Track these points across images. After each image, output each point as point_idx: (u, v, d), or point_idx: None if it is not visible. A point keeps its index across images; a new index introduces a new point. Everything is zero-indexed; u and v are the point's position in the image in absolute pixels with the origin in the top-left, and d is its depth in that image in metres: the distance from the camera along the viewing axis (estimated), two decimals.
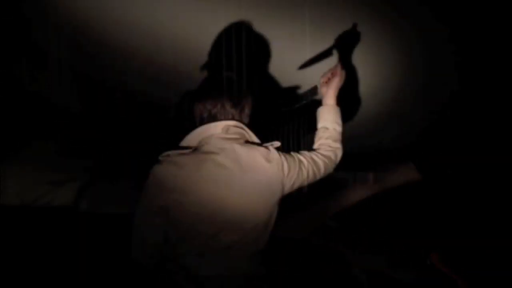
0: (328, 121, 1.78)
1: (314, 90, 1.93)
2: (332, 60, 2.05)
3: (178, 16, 1.97)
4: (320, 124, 1.80)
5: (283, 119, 2.30)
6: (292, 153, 1.67)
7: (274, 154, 1.59)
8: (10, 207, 2.53)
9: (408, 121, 2.51)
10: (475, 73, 2.23)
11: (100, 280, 2.54)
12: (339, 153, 1.77)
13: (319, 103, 1.86)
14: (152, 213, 1.53)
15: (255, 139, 1.64)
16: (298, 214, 2.65)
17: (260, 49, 2.08)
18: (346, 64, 2.00)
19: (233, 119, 1.60)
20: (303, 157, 1.66)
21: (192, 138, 1.60)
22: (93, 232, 2.60)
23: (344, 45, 2.05)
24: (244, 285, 1.56)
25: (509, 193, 2.69)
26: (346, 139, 1.80)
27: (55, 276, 2.52)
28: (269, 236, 1.62)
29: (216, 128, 1.58)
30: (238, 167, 1.53)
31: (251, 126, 1.64)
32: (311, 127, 1.85)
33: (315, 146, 1.77)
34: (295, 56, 2.11)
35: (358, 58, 2.11)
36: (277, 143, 1.64)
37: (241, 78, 1.67)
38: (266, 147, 1.61)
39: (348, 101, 1.92)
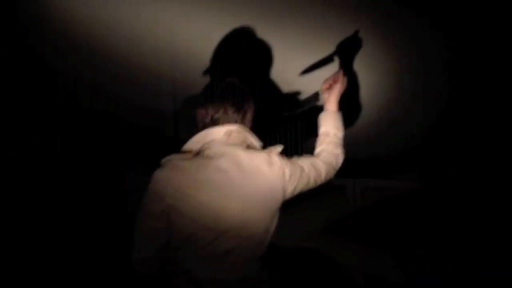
0: (330, 127, 1.78)
1: (316, 96, 1.93)
2: (333, 66, 2.06)
3: (179, 22, 1.96)
4: (321, 130, 1.80)
5: (285, 124, 2.30)
6: (293, 158, 1.66)
7: (276, 159, 1.58)
8: (9, 208, 2.53)
9: (409, 126, 2.52)
10: (474, 74, 2.22)
11: (100, 282, 2.54)
12: (340, 159, 1.77)
13: (320, 109, 1.86)
14: (154, 217, 1.52)
15: (257, 144, 1.63)
16: (296, 220, 2.66)
17: (262, 54, 2.08)
18: (348, 70, 1.99)
19: (235, 124, 1.59)
20: (305, 162, 1.66)
21: (194, 143, 1.59)
22: (93, 234, 2.61)
23: (345, 52, 2.05)
24: None
25: (509, 193, 2.70)
26: (346, 145, 1.80)
27: (55, 277, 2.52)
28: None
29: (218, 132, 1.57)
30: (239, 171, 1.53)
31: (253, 131, 1.64)
32: (313, 132, 1.84)
33: (317, 151, 1.77)
34: (297, 62, 2.11)
35: (359, 64, 2.12)
36: (279, 148, 1.63)
37: (243, 83, 1.65)
38: (268, 152, 1.60)
39: (349, 107, 1.92)
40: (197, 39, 2.03)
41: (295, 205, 1.74)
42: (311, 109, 1.98)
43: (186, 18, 1.95)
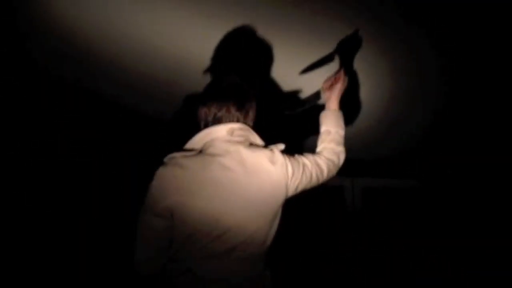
0: (331, 125, 1.79)
1: (317, 94, 1.94)
2: (334, 65, 2.07)
3: (179, 22, 1.97)
4: (323, 128, 1.81)
5: (286, 123, 2.30)
6: (296, 156, 1.66)
7: (279, 156, 1.58)
8: (9, 208, 2.52)
9: (409, 126, 2.52)
10: (473, 75, 2.23)
11: (101, 282, 2.54)
12: (342, 157, 1.78)
13: (322, 107, 1.87)
14: (156, 216, 1.51)
15: (259, 141, 1.63)
16: (296, 220, 2.66)
17: (263, 53, 2.09)
18: (348, 69, 2.00)
19: (238, 122, 1.59)
20: (307, 160, 1.66)
21: (197, 141, 1.58)
22: (93, 234, 2.60)
23: (346, 51, 2.06)
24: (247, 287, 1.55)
25: (509, 193, 2.70)
26: (346, 145, 1.81)
27: (55, 276, 2.52)
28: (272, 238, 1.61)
29: (221, 130, 1.56)
30: (242, 169, 1.52)
31: (255, 129, 1.63)
32: (314, 131, 1.85)
33: (318, 149, 1.78)
34: (298, 61, 2.12)
35: (359, 64, 2.13)
36: (282, 146, 1.63)
37: (245, 81, 1.65)
38: (271, 150, 1.60)
39: (349, 107, 1.92)
40: (197, 39, 2.03)
41: (296, 205, 1.74)
42: (313, 108, 1.99)
43: (185, 18, 1.95)
